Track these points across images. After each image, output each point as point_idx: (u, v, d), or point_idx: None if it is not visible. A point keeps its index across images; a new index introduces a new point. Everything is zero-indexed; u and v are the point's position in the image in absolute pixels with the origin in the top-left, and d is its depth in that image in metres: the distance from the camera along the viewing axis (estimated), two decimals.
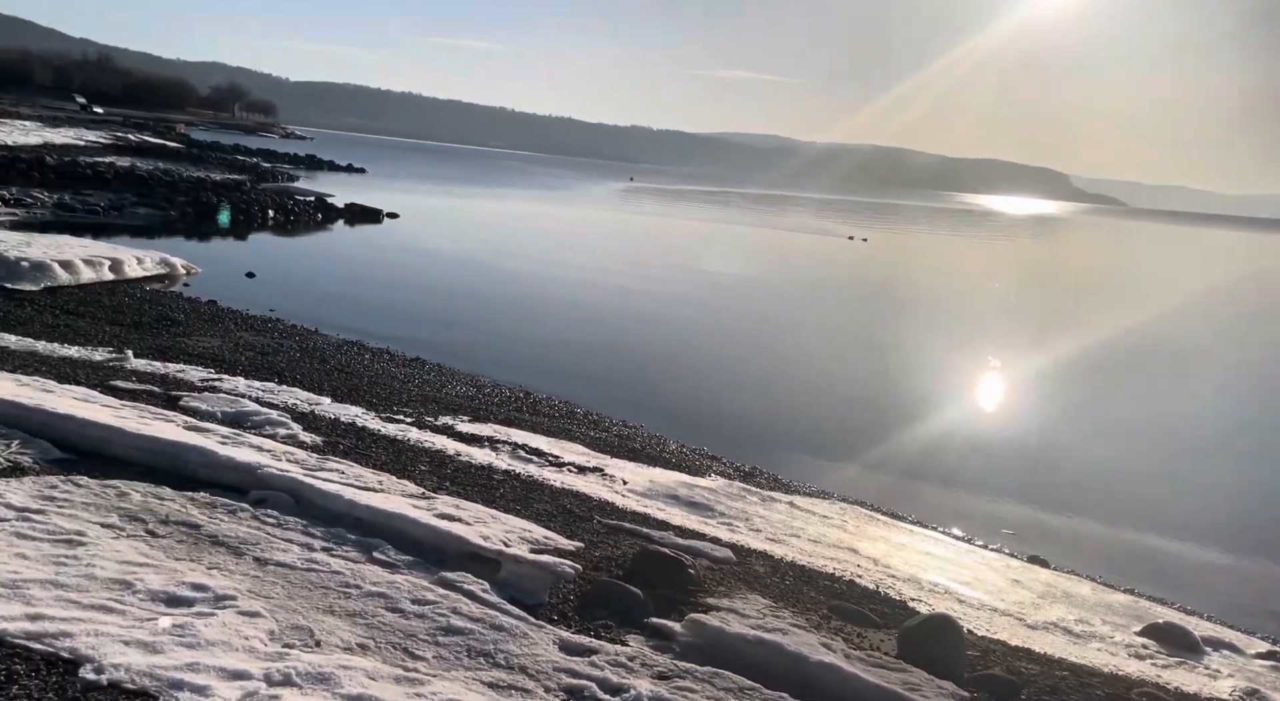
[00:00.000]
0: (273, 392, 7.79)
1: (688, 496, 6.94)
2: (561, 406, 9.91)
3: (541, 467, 6.93)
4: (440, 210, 40.04)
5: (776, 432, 10.47)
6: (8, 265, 11.23)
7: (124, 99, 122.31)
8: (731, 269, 28.20)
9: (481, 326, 14.62)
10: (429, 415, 8.18)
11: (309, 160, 57.45)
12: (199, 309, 11.66)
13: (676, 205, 70.41)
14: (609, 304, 18.43)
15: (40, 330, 8.99)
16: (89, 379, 6.68)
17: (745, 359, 14.64)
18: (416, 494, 5.11)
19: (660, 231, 43.25)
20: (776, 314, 20.09)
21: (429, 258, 22.63)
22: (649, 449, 8.73)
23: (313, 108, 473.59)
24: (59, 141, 35.42)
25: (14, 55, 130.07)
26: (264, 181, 34.95)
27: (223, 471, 4.73)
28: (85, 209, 20.22)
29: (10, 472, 4.13)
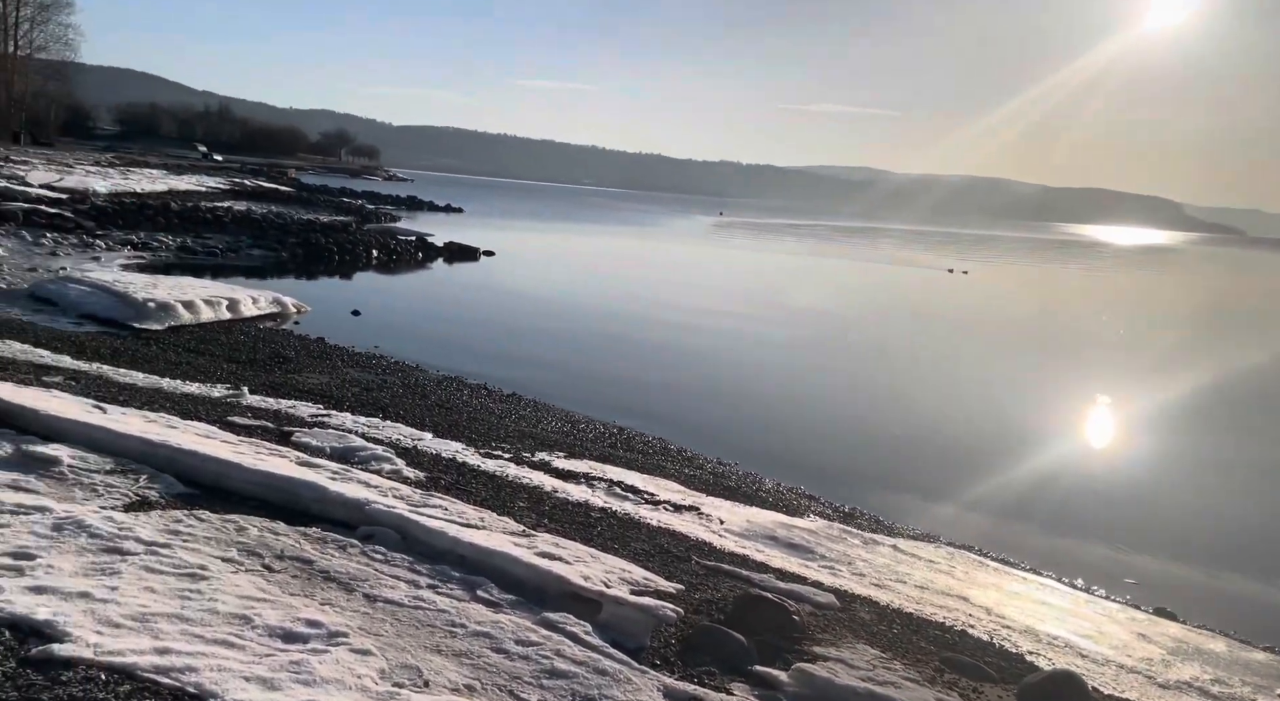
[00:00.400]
0: (377, 428, 8.01)
1: (787, 537, 6.78)
2: (655, 443, 9.88)
3: (637, 505, 6.90)
4: (534, 247, 40.88)
5: (877, 472, 10.18)
6: (136, 306, 11.94)
7: (241, 146, 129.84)
8: (826, 303, 27.85)
9: (575, 362, 14.76)
10: (526, 451, 8.27)
11: (410, 201, 59.62)
12: (308, 346, 12.12)
13: (767, 239, 70.15)
14: (700, 338, 18.38)
15: (164, 367, 9.49)
16: (209, 415, 7.00)
17: (842, 396, 14.35)
18: (517, 531, 5.14)
19: (751, 265, 43.12)
20: (874, 349, 19.67)
21: (524, 294, 23.06)
22: (744, 487, 8.60)
23: (413, 150, 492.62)
24: (182, 188, 37.70)
25: (144, 108, 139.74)
26: (368, 222, 36.42)
27: (333, 507, 4.86)
28: (205, 251, 21.41)
29: (139, 506, 4.33)
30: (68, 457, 4.73)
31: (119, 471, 4.76)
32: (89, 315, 11.78)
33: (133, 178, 38.46)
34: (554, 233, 53.08)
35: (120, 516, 4.00)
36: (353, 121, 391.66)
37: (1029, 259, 70.70)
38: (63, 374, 7.87)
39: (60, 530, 3.63)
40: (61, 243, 18.63)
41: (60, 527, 3.66)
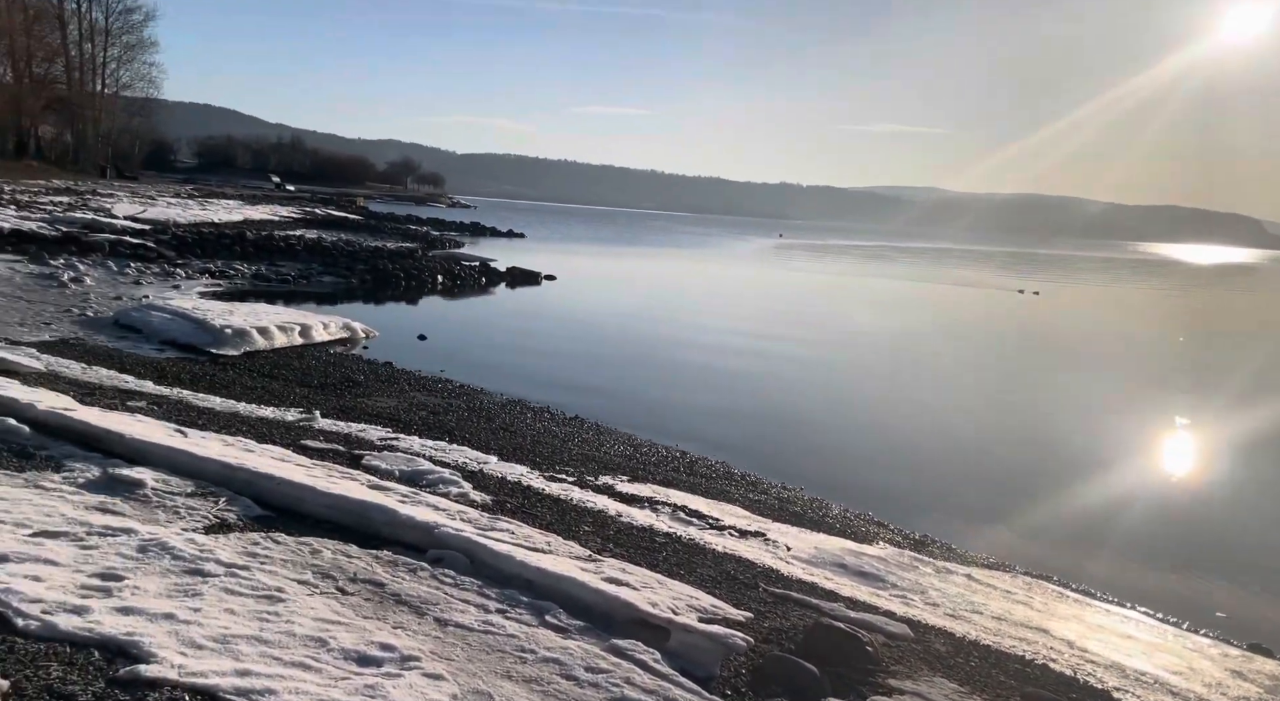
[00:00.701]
0: (444, 451, 8.11)
1: (856, 565, 6.65)
2: (718, 467, 9.80)
3: (702, 530, 6.84)
4: (595, 271, 41.21)
5: (948, 498, 9.92)
6: (214, 332, 12.34)
7: (312, 176, 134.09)
8: (891, 325, 27.43)
9: (636, 385, 14.78)
10: (589, 474, 8.28)
11: (473, 227, 60.72)
12: (377, 370, 12.36)
13: (828, 260, 69.54)
14: (761, 361, 18.24)
15: (241, 392, 9.78)
16: (283, 438, 7.17)
17: (910, 420, 14.05)
18: (583, 556, 5.13)
19: (812, 287, 42.75)
20: (943, 372, 19.27)
21: (584, 318, 23.23)
22: (811, 513, 8.47)
23: (476, 177, 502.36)
24: (257, 217, 39.02)
25: (221, 142, 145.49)
26: (433, 248, 37.16)
27: (403, 530, 4.92)
28: (278, 278, 22.07)
29: (219, 529, 4.44)
30: (151, 480, 4.88)
31: (199, 494, 4.90)
32: (170, 341, 12.21)
33: (211, 208, 39.95)
34: (613, 256, 53.46)
35: (201, 538, 4.11)
36: (418, 150, 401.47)
37: (1101, 278, 68.68)
38: (146, 398, 8.16)
39: (145, 552, 3.74)
40: (144, 272, 19.39)
41: (145, 549, 3.77)
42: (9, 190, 34.67)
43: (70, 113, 66.52)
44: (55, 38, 64.36)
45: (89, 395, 7.64)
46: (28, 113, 59.47)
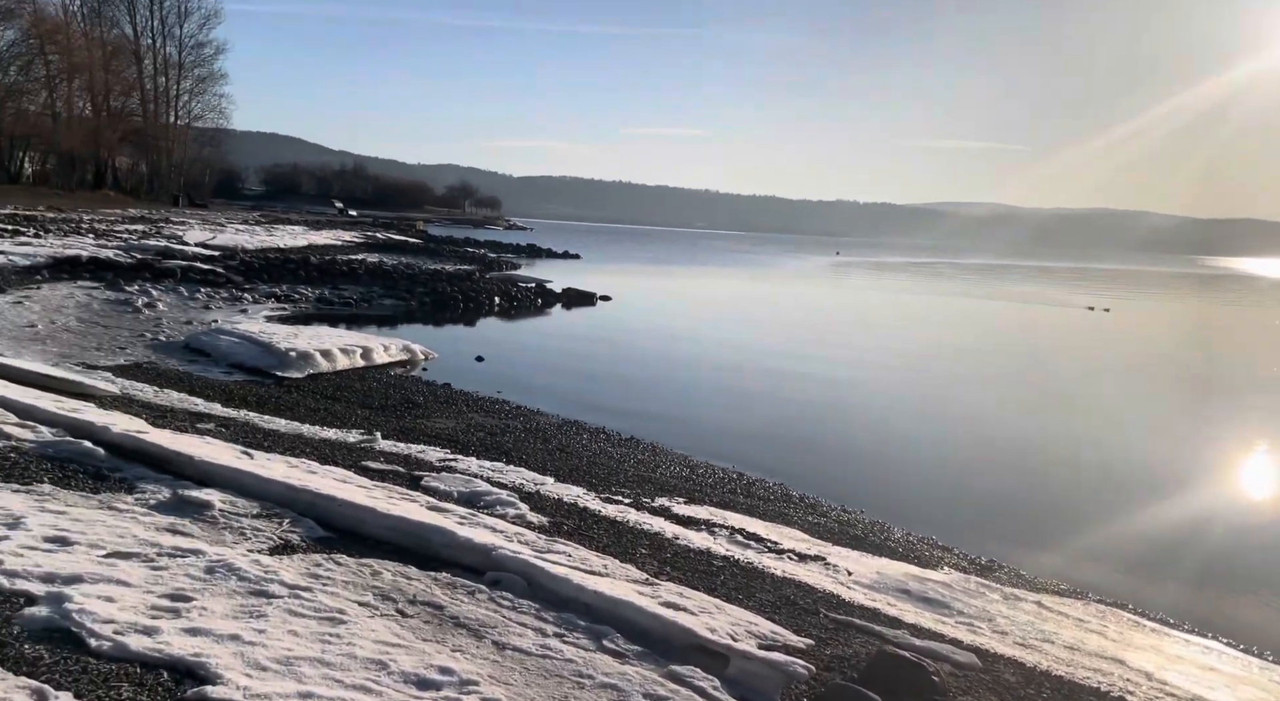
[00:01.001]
0: (501, 472, 8.15)
1: (920, 591, 6.48)
2: (776, 489, 9.68)
3: (760, 554, 6.75)
4: (650, 292, 41.29)
5: (1017, 523, 9.63)
6: (279, 355, 12.65)
7: (373, 201, 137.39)
8: (956, 343, 26.92)
9: (691, 405, 14.70)
10: (646, 496, 8.24)
11: (529, 249, 61.49)
12: (436, 392, 12.52)
13: (887, 277, 68.66)
14: (819, 381, 18.02)
15: (304, 414, 9.99)
16: (345, 460, 7.29)
17: (977, 441, 13.72)
18: (640, 579, 5.09)
19: (872, 305, 42.22)
20: (1011, 392, 18.80)
21: (639, 338, 23.26)
22: (872, 536, 8.30)
23: (533, 200, 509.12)
24: (321, 242, 40.07)
25: (287, 169, 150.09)
26: (491, 270, 37.69)
27: (461, 552, 4.94)
28: (341, 301, 22.59)
29: (283, 550, 4.52)
30: (219, 502, 5.00)
31: (264, 515, 5.00)
32: (237, 364, 12.54)
33: (276, 234, 41.14)
34: (668, 276, 53.54)
35: (266, 560, 4.19)
36: (475, 174, 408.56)
37: (1175, 294, 66.55)
38: (215, 420, 8.38)
39: (212, 573, 3.82)
40: (214, 297, 20.01)
41: (212, 570, 3.85)
42: (88, 219, 36.16)
43: (145, 144, 69.31)
44: (131, 72, 67.26)
45: (161, 418, 7.87)
46: (105, 145, 62.12)
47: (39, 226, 28.92)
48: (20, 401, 6.67)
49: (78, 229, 30.03)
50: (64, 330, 13.91)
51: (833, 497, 9.55)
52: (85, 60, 57.62)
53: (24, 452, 5.55)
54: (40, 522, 4.08)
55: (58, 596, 3.26)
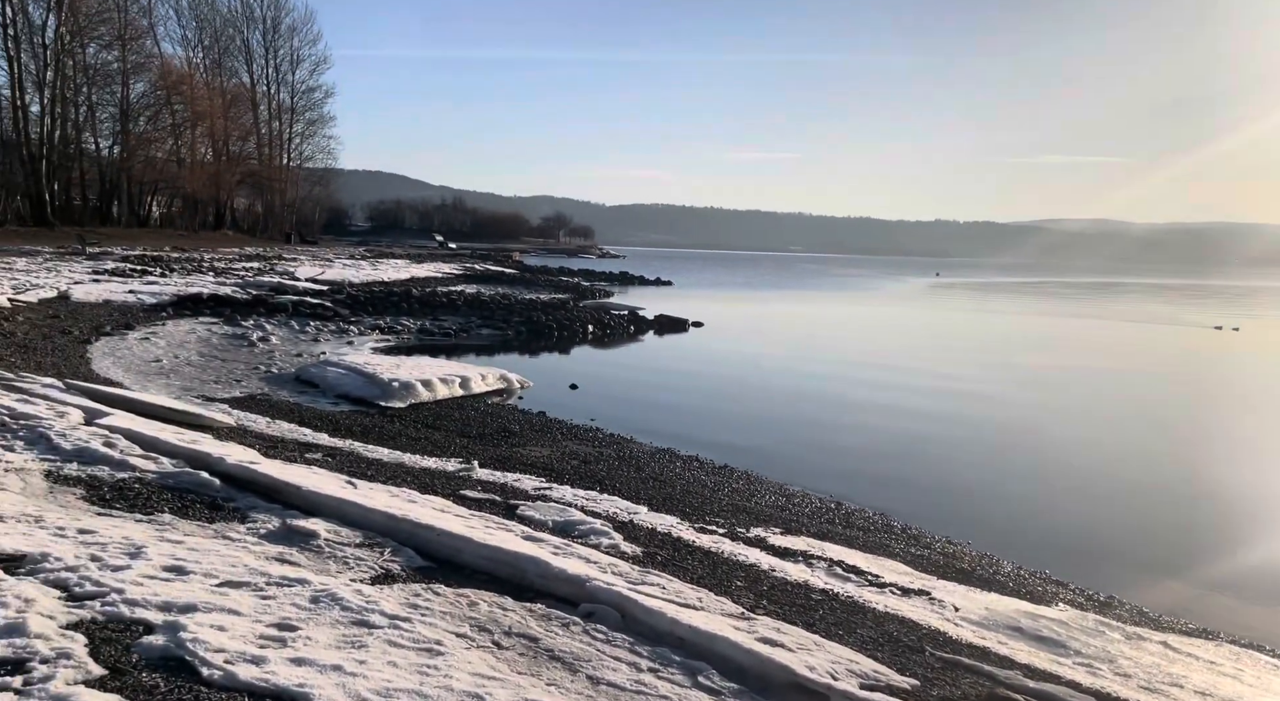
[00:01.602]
0: (595, 501, 8.17)
1: (1033, 629, 6.16)
2: (876, 519, 9.41)
3: (861, 587, 6.54)
4: (742, 317, 41.05)
5: (1139, 556, 9.08)
6: (383, 386, 13.07)
7: (472, 234, 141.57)
8: (1068, 366, 25.78)
9: (786, 433, 14.48)
10: (740, 526, 8.12)
11: (622, 276, 62.10)
12: (531, 420, 12.70)
13: (991, 298, 66.47)
14: (921, 407, 17.49)
15: (405, 443, 10.26)
16: (444, 488, 7.44)
17: (1092, 470, 13.05)
18: (736, 613, 5.00)
19: (976, 327, 40.88)
20: (1133, 418, 17.86)
21: (732, 364, 23.10)
22: (980, 570, 7.95)
23: (625, 227, 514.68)
24: (422, 275, 41.44)
25: (390, 205, 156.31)
26: (584, 299, 38.21)
27: (556, 583, 4.95)
28: (441, 332, 23.24)
29: (383, 579, 4.62)
30: (324, 531, 5.16)
31: (366, 544, 5.12)
32: (344, 395, 13.01)
33: (381, 268, 42.73)
34: (761, 301, 53.16)
35: (368, 589, 4.28)
36: (569, 204, 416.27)
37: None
38: (322, 450, 8.69)
39: (317, 602, 3.92)
40: (322, 329, 20.87)
41: (317, 600, 3.95)
42: (209, 258, 38.36)
43: (260, 185, 73.31)
44: (248, 118, 71.37)
45: (272, 448, 8.21)
46: (225, 187, 65.95)
47: (165, 266, 30.83)
48: (145, 434, 7.06)
49: (199, 267, 31.89)
50: (186, 364, 14.72)
51: (936, 528, 9.22)
52: (207, 108, 61.46)
53: (147, 483, 5.86)
54: (160, 552, 4.28)
55: (173, 625, 3.40)
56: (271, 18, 72.20)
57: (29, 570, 3.85)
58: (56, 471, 5.87)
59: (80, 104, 52.82)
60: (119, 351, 14.83)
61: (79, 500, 5.37)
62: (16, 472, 5.67)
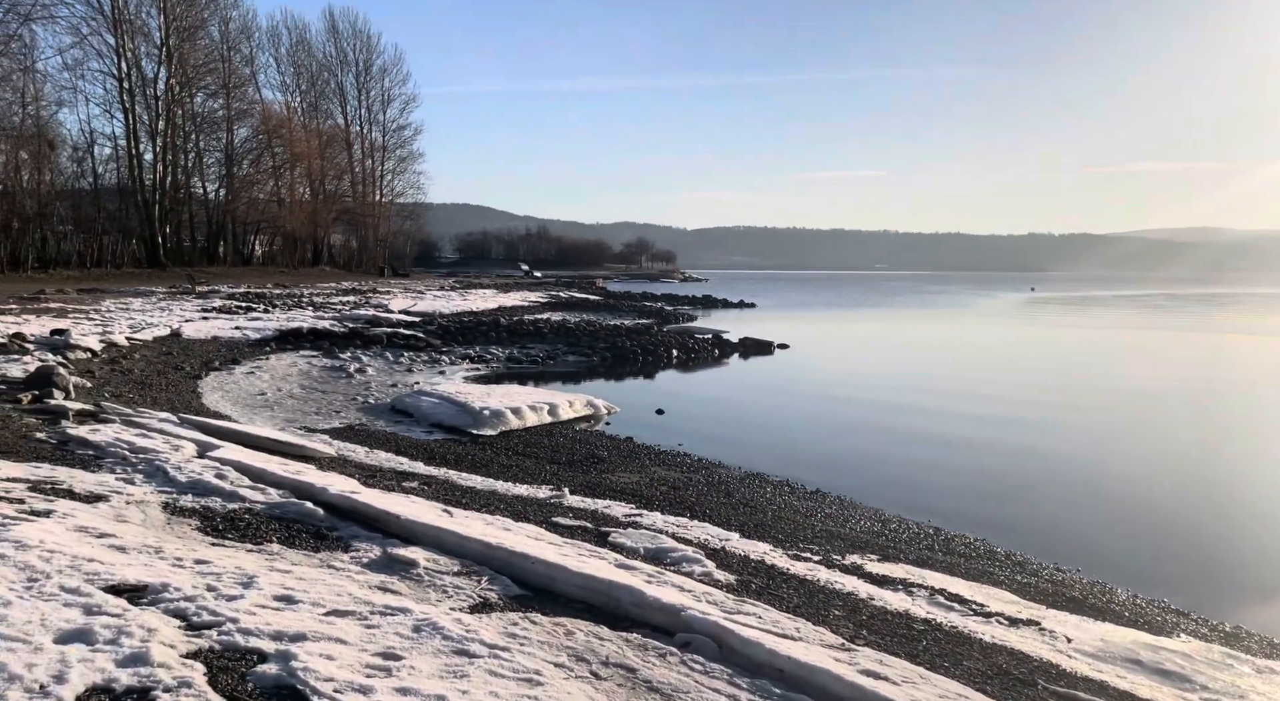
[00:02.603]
0: (685, 527, 8.12)
1: (1153, 662, 5.83)
2: (978, 545, 9.08)
3: (965, 617, 6.31)
4: (829, 337, 40.47)
5: (1266, 584, 8.52)
6: (474, 414, 13.33)
7: (556, 262, 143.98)
8: (1175, 382, 24.56)
9: (878, 455, 14.14)
10: (836, 553, 7.95)
11: (704, 300, 62.14)
12: (619, 446, 12.74)
13: (1089, 313, 63.94)
14: (1018, 427, 16.88)
15: (498, 471, 10.42)
16: (536, 516, 7.51)
17: (1215, 493, 12.34)
18: (835, 644, 4.87)
19: (1073, 343, 39.33)
20: (1252, 437, 16.87)
21: (820, 386, 22.75)
22: (1092, 599, 7.58)
23: (707, 251, 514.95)
24: (509, 304, 42.25)
25: (477, 236, 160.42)
26: (668, 323, 38.33)
27: (650, 611, 4.92)
28: (528, 360, 23.61)
29: (482, 608, 4.68)
30: (423, 560, 5.26)
31: (464, 573, 5.20)
32: (437, 424, 13.32)
33: (470, 298, 43.77)
34: (848, 321, 52.33)
35: (467, 618, 4.34)
36: (650, 229, 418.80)
37: None
38: (418, 479, 8.90)
39: (419, 631, 3.99)
40: (415, 360, 21.45)
41: (419, 629, 4.02)
42: (308, 293, 39.97)
43: (355, 221, 76.24)
44: (343, 158, 74.47)
45: (371, 477, 8.44)
46: (322, 224, 68.81)
47: (267, 302, 32.26)
48: (254, 466, 7.35)
49: (299, 303, 33.25)
50: (288, 396, 15.32)
51: (1043, 555, 8.84)
52: (305, 150, 64.42)
53: (256, 514, 6.09)
54: (270, 582, 4.43)
55: (285, 654, 3.51)
56: (363, 60, 75.50)
57: (150, 600, 4.04)
58: (173, 503, 6.16)
59: (189, 150, 56.09)
60: (227, 385, 15.54)
61: (194, 531, 5.62)
62: (138, 505, 5.97)
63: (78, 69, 47.48)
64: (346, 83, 75.06)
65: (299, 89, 70.81)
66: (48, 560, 4.32)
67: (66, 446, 7.85)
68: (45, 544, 4.58)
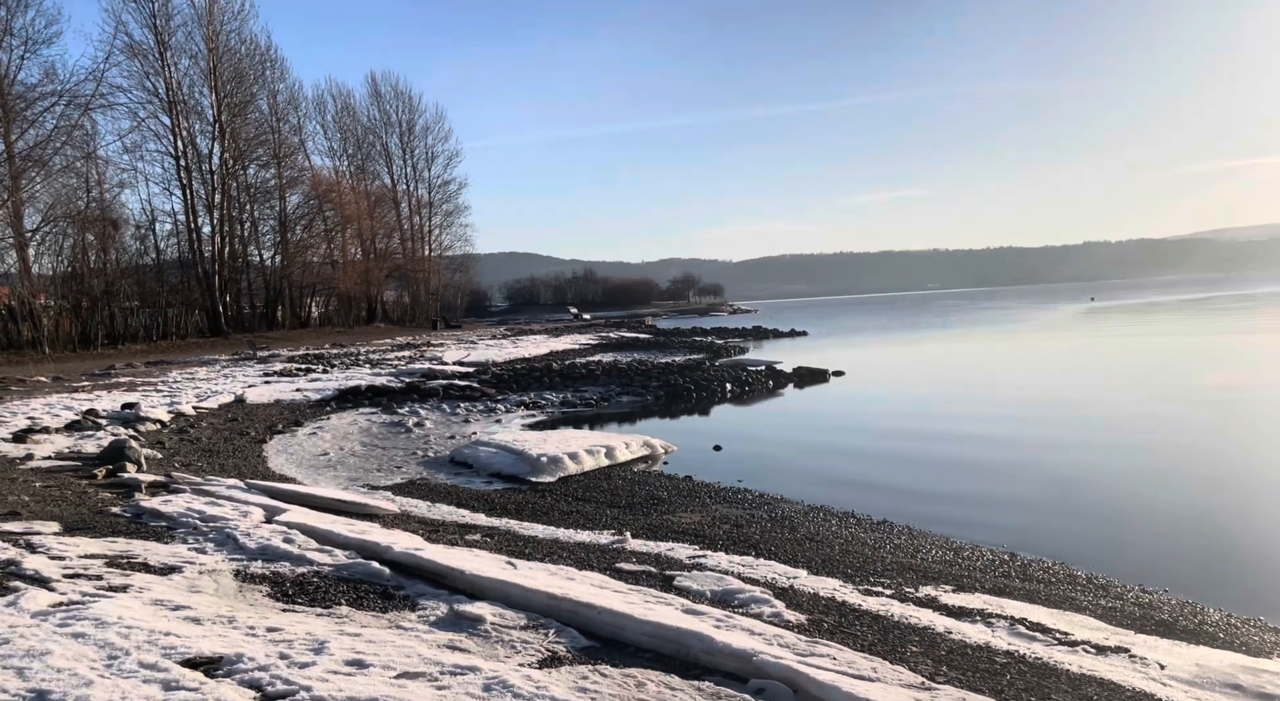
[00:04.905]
0: (751, 567, 7.99)
1: (1255, 686, 5.53)
2: (1057, 569, 8.76)
3: (1048, 647, 6.08)
4: (884, 362, 39.90)
5: None
6: (531, 462, 13.37)
7: (604, 303, 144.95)
8: (1248, 388, 23.65)
9: (944, 481, 13.80)
10: (908, 585, 7.74)
11: (755, 331, 61.86)
12: (678, 485, 12.64)
13: (1154, 321, 62.12)
14: (1087, 444, 16.36)
15: (558, 517, 10.41)
16: (599, 563, 7.46)
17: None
18: (915, 684, 4.73)
19: (1139, 354, 38.17)
20: None
21: (879, 412, 22.38)
22: (1183, 621, 7.24)
23: (754, 281, 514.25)
24: (560, 348, 42.56)
25: (526, 283, 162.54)
26: (719, 357, 38.18)
27: (721, 658, 4.84)
28: (582, 403, 23.68)
29: (550, 662, 4.64)
30: (490, 615, 5.25)
31: (530, 626, 5.18)
32: (496, 473, 13.38)
33: (521, 345, 44.22)
34: (902, 344, 51.56)
35: (536, 674, 4.31)
36: (696, 265, 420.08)
37: None
38: (480, 531, 8.92)
39: (489, 690, 3.97)
40: (471, 410, 21.67)
41: (489, 688, 4.00)
42: (364, 351, 40.80)
43: (406, 277, 77.93)
44: (391, 216, 76.43)
45: (434, 532, 8.50)
46: (374, 282, 70.41)
47: (326, 362, 32.98)
48: (319, 527, 7.46)
49: (357, 361, 33.93)
50: (350, 455, 15.56)
51: (1126, 577, 8.49)
52: (354, 212, 66.29)
53: (324, 576, 6.16)
54: (340, 646, 4.46)
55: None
56: (406, 121, 77.81)
57: (226, 671, 4.09)
58: (244, 570, 6.26)
59: (244, 220, 58.11)
60: (290, 448, 15.85)
61: (265, 597, 5.70)
62: (210, 574, 6.09)
63: (137, 151, 49.78)
64: (391, 143, 77.41)
65: (346, 153, 73.14)
66: (126, 636, 4.42)
67: (140, 519, 8.06)
68: (123, 619, 4.68)
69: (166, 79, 49.53)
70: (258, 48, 57.37)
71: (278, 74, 60.49)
